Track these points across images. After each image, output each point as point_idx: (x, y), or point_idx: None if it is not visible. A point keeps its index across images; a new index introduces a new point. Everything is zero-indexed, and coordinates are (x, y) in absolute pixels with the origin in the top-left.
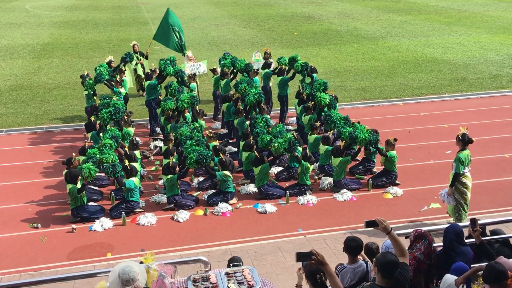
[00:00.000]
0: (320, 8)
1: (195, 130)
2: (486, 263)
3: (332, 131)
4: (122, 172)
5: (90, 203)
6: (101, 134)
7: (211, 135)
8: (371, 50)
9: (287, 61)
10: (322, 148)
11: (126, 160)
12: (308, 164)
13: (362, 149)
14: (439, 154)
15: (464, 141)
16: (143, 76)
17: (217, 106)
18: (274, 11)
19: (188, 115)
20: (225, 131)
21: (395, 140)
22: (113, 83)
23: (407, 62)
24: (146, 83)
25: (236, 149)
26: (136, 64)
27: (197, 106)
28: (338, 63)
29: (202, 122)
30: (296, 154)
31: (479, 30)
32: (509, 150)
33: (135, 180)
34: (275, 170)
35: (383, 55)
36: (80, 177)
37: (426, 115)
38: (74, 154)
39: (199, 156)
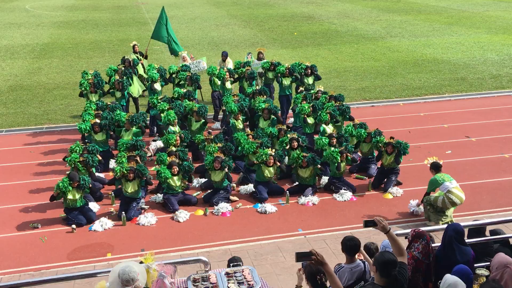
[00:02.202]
0: (320, 8)
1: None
2: None
3: (334, 130)
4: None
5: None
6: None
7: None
8: (371, 50)
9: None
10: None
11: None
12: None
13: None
14: (439, 154)
15: (436, 168)
16: (145, 76)
17: (215, 106)
18: (274, 11)
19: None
20: None
21: (392, 138)
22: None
23: (407, 62)
24: (148, 84)
25: None
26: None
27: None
28: (338, 63)
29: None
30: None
31: (479, 30)
32: (509, 150)
33: None
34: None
35: (383, 55)
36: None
37: (426, 115)
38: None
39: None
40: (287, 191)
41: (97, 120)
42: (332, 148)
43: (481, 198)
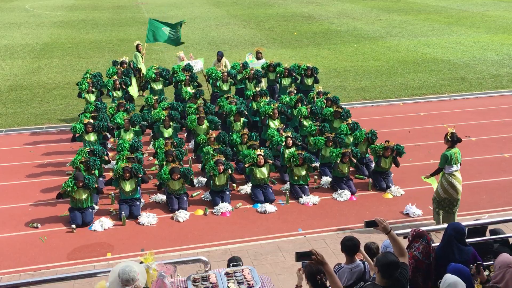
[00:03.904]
0: (320, 8)
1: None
2: None
3: (334, 133)
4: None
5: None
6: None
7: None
8: (370, 50)
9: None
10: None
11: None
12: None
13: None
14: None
15: (453, 141)
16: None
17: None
18: (274, 11)
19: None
20: None
21: (387, 142)
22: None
23: (407, 62)
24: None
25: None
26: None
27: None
28: (338, 63)
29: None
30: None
31: (479, 30)
32: (508, 150)
33: None
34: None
35: (382, 55)
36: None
37: (426, 115)
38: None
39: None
40: (287, 191)
41: (91, 120)
42: (334, 149)
43: (480, 198)
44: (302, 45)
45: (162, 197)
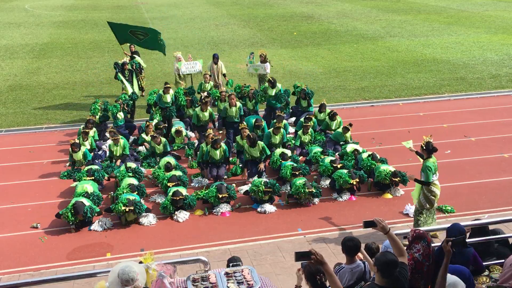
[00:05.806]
0: (320, 8)
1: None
2: None
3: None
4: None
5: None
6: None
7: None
8: (370, 50)
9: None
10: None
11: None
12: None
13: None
14: (438, 154)
15: (429, 150)
16: (144, 66)
17: (219, 125)
18: (273, 11)
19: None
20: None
21: (396, 176)
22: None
23: (407, 62)
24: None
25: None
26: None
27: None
28: (337, 63)
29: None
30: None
31: (478, 30)
32: (508, 150)
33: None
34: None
35: (382, 55)
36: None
37: (426, 115)
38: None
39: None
40: (287, 191)
41: (76, 140)
42: (343, 171)
43: (480, 198)
44: (301, 45)
45: (162, 197)
